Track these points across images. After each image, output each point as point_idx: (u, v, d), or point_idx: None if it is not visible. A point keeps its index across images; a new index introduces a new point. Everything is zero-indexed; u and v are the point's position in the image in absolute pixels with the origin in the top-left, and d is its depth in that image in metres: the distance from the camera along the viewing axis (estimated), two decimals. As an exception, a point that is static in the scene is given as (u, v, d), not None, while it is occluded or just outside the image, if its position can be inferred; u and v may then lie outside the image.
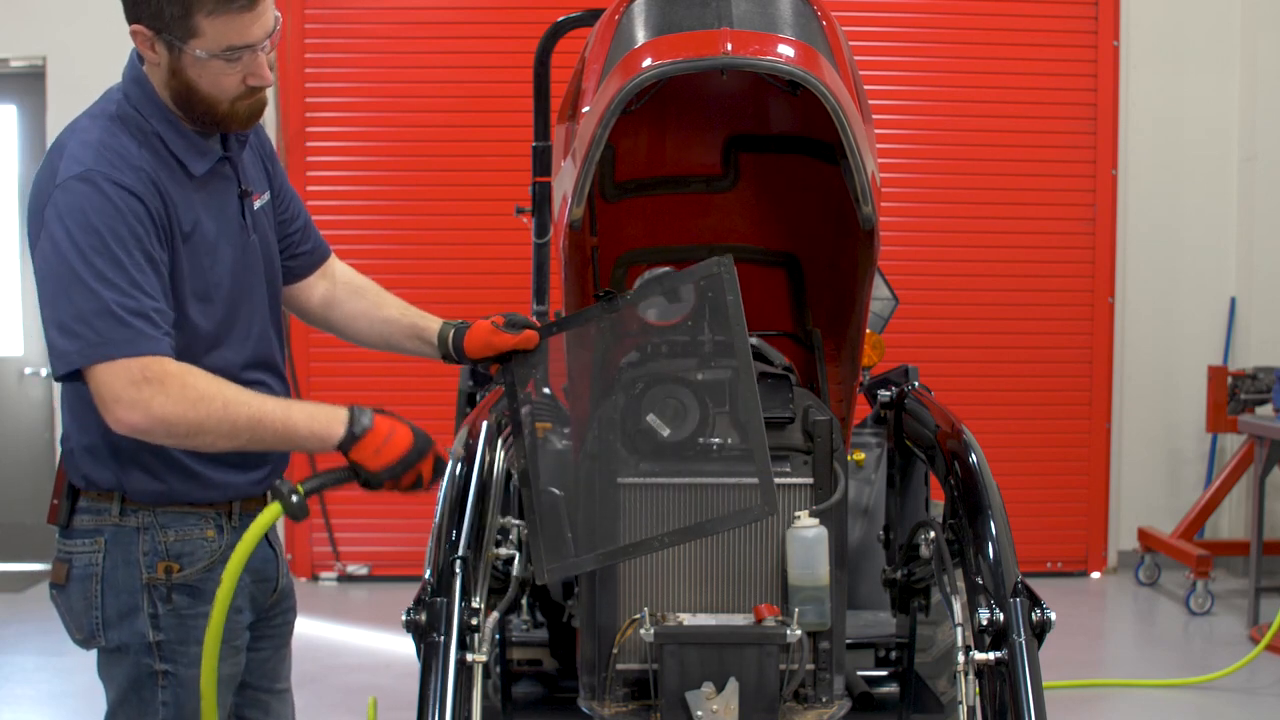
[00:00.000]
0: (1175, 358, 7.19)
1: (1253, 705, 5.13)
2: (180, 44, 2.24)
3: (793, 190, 3.24)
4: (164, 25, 2.23)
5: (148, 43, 2.27)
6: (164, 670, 2.34)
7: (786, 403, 2.78)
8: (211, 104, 2.32)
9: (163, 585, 2.33)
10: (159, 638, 2.33)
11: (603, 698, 2.74)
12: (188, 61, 2.26)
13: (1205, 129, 7.17)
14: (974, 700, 2.49)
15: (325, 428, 2.28)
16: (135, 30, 2.27)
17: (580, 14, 4.09)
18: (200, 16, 2.21)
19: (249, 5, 2.24)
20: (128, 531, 2.33)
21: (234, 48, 2.25)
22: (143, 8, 2.24)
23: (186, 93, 2.30)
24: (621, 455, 2.73)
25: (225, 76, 2.29)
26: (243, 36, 2.25)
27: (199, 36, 2.23)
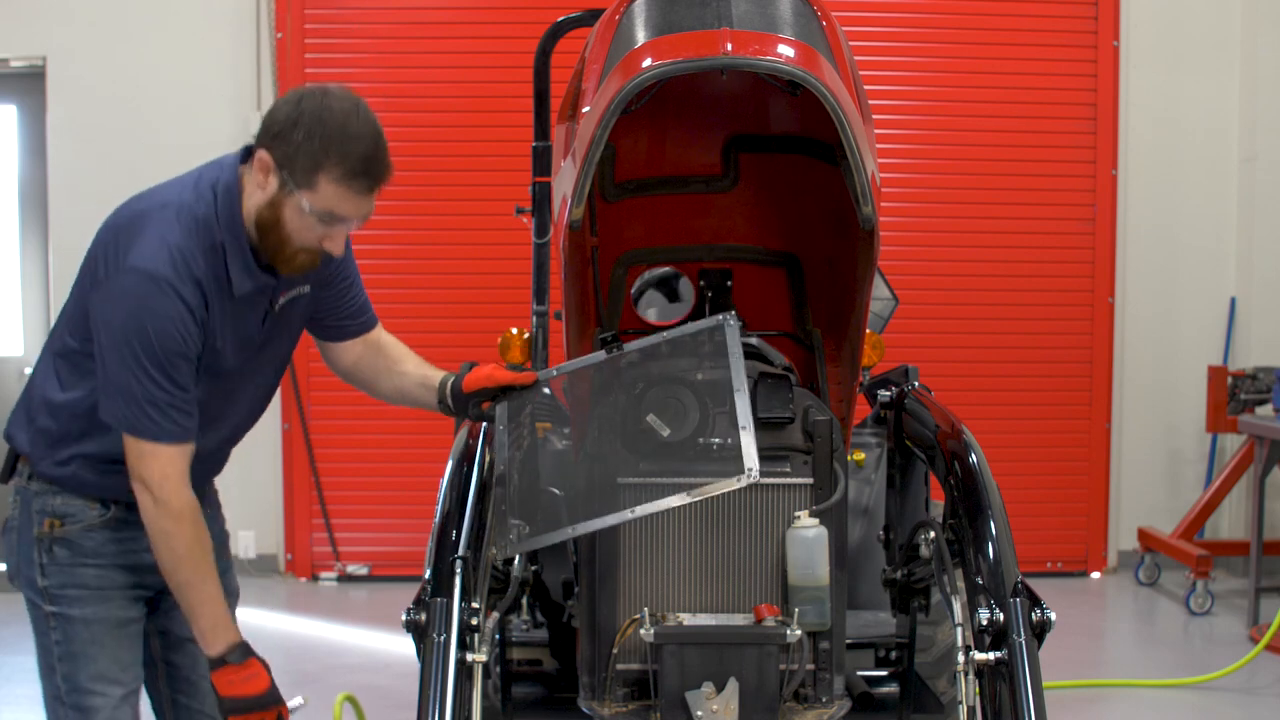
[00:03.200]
0: (1175, 358, 7.19)
1: (1253, 705, 5.13)
2: (293, 188, 2.45)
3: (793, 190, 3.24)
4: (289, 165, 2.44)
5: (265, 169, 2.47)
6: (52, 612, 2.63)
7: (786, 403, 2.78)
8: (283, 243, 2.52)
9: (47, 539, 2.62)
10: (45, 583, 2.63)
11: (603, 698, 2.74)
12: (289, 203, 2.47)
13: (1205, 129, 7.18)
14: (974, 700, 2.49)
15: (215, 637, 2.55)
16: (261, 154, 2.47)
17: (580, 14, 4.09)
18: (324, 178, 2.44)
19: (367, 189, 2.49)
20: (29, 493, 2.65)
21: (333, 215, 2.48)
22: (279, 142, 2.44)
23: (270, 224, 2.51)
24: (621, 455, 2.73)
25: (310, 231, 2.51)
26: (345, 210, 2.49)
27: (313, 192, 2.45)
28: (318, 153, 2.43)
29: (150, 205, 2.52)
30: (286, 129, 2.43)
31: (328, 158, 2.43)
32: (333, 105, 2.46)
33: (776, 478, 2.73)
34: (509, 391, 2.80)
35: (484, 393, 2.81)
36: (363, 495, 7.00)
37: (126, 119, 6.88)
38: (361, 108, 2.50)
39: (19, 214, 7.13)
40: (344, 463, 6.95)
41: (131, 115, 6.88)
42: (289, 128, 2.43)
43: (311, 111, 2.44)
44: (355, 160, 2.45)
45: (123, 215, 2.55)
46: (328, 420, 6.80)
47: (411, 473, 6.76)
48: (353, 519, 7.00)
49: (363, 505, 6.99)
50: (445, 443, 3.01)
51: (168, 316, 2.41)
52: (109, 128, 6.89)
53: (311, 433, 6.85)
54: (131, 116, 6.88)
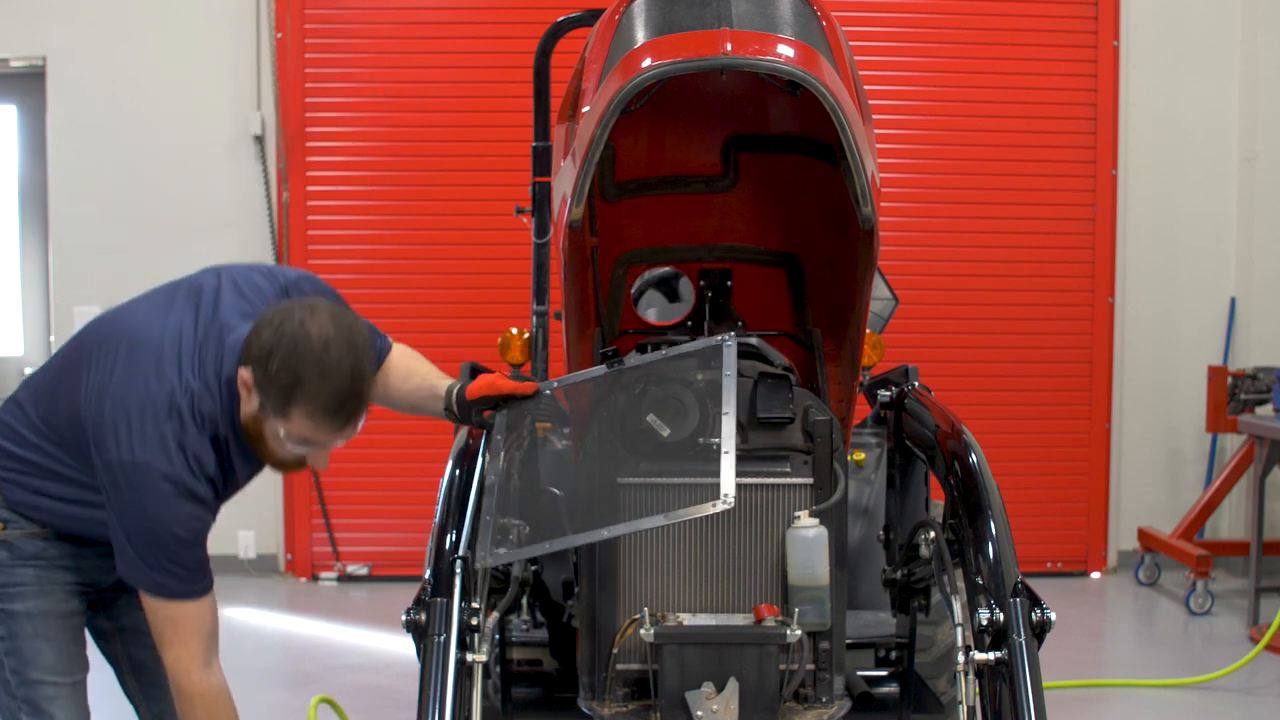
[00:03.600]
0: (1175, 358, 7.19)
1: (1253, 705, 5.13)
2: (269, 413, 2.47)
3: (793, 190, 3.24)
4: (265, 391, 2.44)
5: (246, 386, 2.48)
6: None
7: (786, 403, 2.78)
8: (267, 454, 2.58)
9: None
10: None
11: (603, 698, 2.74)
12: (268, 427, 2.50)
13: (1205, 129, 7.17)
14: (974, 700, 2.49)
15: None
16: (242, 374, 2.47)
17: (580, 14, 4.09)
18: (296, 411, 2.44)
19: (338, 427, 2.47)
20: None
21: (309, 442, 2.50)
22: (257, 367, 2.44)
23: (255, 434, 2.55)
24: (621, 455, 2.73)
25: (289, 452, 2.54)
26: (321, 439, 2.50)
27: (287, 420, 2.45)
28: (291, 386, 2.41)
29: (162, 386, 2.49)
30: (263, 356, 2.42)
31: (300, 393, 2.41)
32: (311, 334, 2.41)
33: (776, 478, 2.73)
34: (510, 400, 2.82)
35: (485, 401, 2.82)
36: (363, 495, 7.00)
37: (126, 119, 6.89)
38: (340, 338, 2.44)
39: (19, 214, 7.13)
40: (344, 463, 6.94)
41: (131, 115, 6.88)
42: (265, 356, 2.42)
43: (288, 340, 2.41)
44: (327, 398, 2.42)
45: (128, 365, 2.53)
46: (328, 420, 6.78)
47: (411, 473, 6.76)
48: (353, 519, 7.00)
49: (363, 505, 6.99)
50: (445, 443, 3.01)
51: (190, 517, 2.48)
52: (109, 128, 6.89)
53: (311, 433, 6.84)
54: (131, 116, 6.88)
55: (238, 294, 2.62)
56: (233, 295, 2.62)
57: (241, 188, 6.90)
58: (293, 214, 6.86)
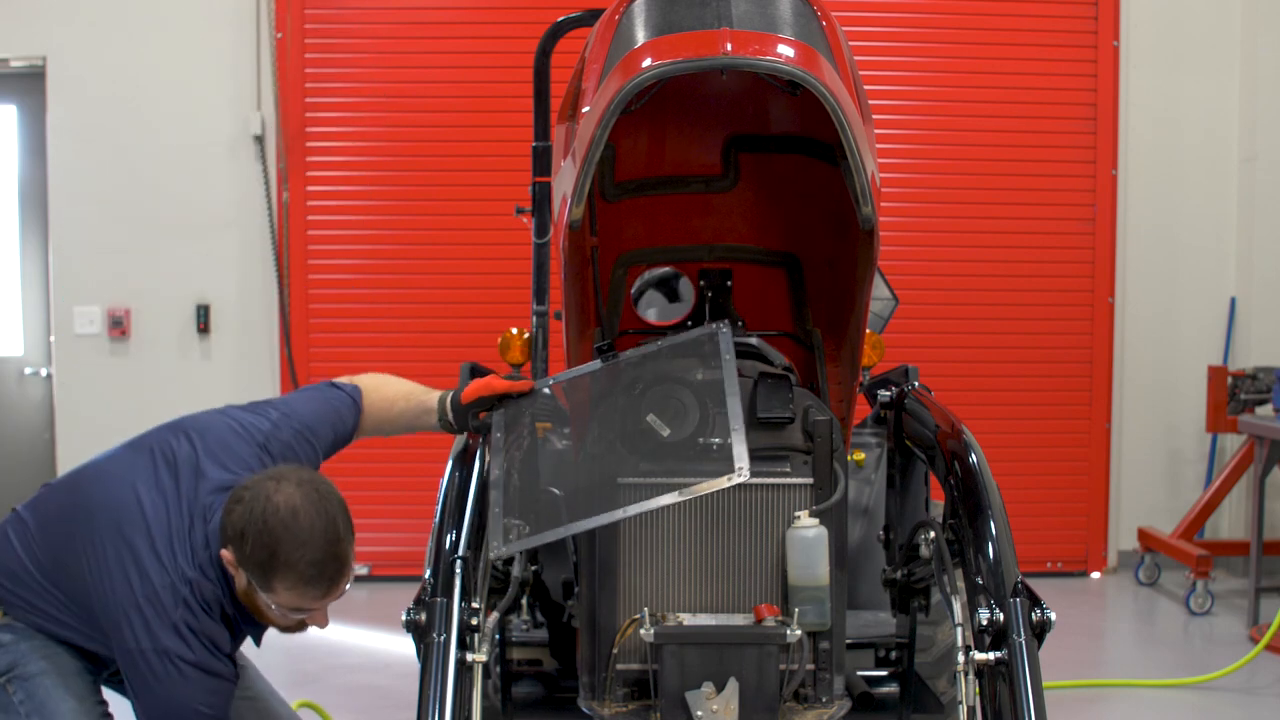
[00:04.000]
0: (1175, 358, 7.19)
1: (1253, 705, 5.13)
2: (256, 588, 2.52)
3: (793, 190, 3.24)
4: (247, 568, 2.49)
5: (233, 565, 2.52)
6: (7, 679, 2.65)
7: (786, 403, 2.78)
8: (268, 624, 2.65)
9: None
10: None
11: (603, 698, 2.74)
12: (259, 600, 2.54)
13: (1205, 129, 7.17)
14: (974, 700, 2.49)
15: None
16: (225, 551, 2.52)
17: (580, 14, 4.09)
18: (279, 586, 2.50)
19: (322, 593, 2.53)
20: None
21: (300, 610, 2.56)
22: (237, 543, 2.49)
23: (253, 609, 2.59)
24: (621, 455, 2.73)
25: (287, 620, 2.60)
26: (307, 605, 2.55)
27: (273, 594, 2.51)
28: (268, 563, 2.47)
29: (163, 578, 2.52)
30: (237, 536, 2.48)
31: (278, 567, 2.48)
32: (279, 505, 2.48)
33: (776, 478, 2.73)
34: (506, 400, 2.84)
35: (481, 402, 2.85)
36: (363, 495, 6.97)
37: (126, 119, 6.88)
38: (308, 505, 2.50)
39: (19, 214, 7.13)
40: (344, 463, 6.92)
41: (131, 115, 6.88)
42: (239, 536, 2.48)
43: (258, 518, 2.46)
44: (305, 567, 2.48)
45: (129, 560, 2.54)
46: (328, 420, 6.78)
47: (411, 473, 6.76)
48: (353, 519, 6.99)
49: (363, 505, 6.93)
50: (445, 443, 3.02)
51: (213, 692, 2.53)
52: (109, 128, 6.89)
53: (311, 433, 6.84)
54: (131, 116, 6.88)
55: (218, 465, 2.64)
56: (213, 467, 2.63)
57: (241, 188, 6.90)
58: (293, 214, 6.85)
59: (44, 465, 7.10)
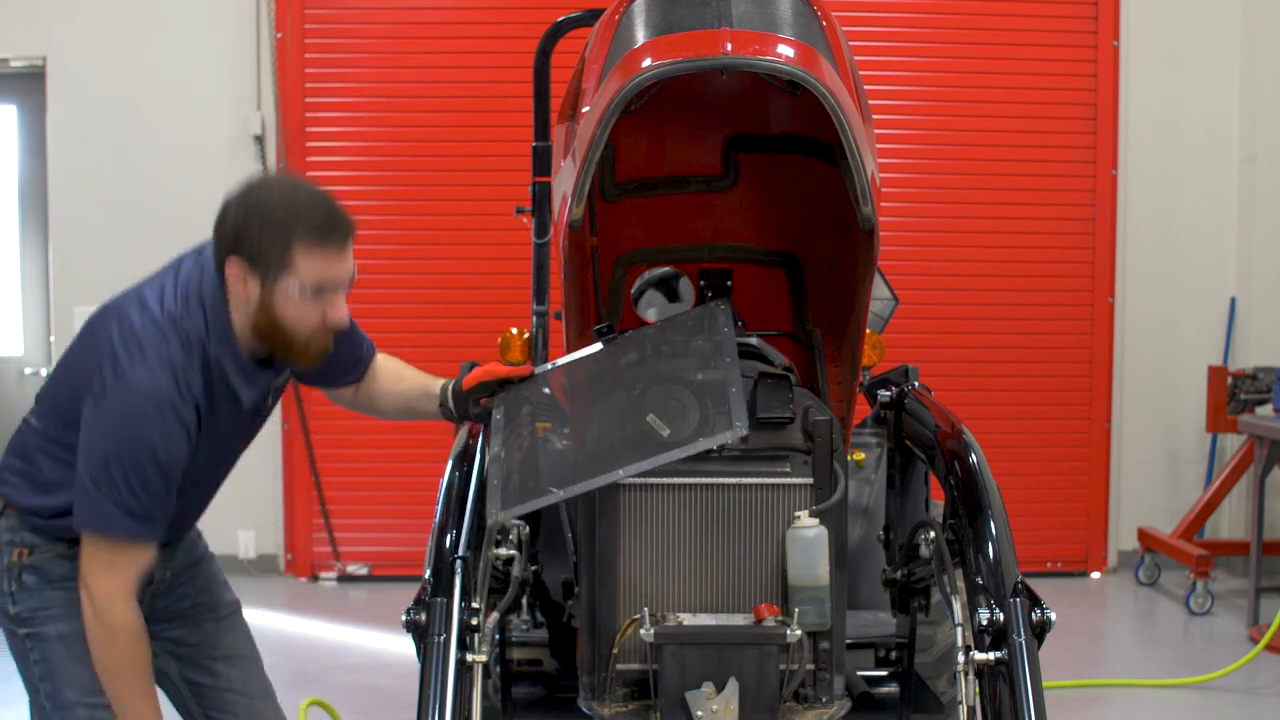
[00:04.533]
0: (1175, 358, 7.19)
1: (1253, 705, 5.13)
2: (274, 279, 2.47)
3: (793, 190, 3.24)
4: (260, 260, 2.47)
5: (241, 278, 2.50)
6: (27, 634, 2.66)
7: (786, 403, 2.78)
8: (290, 337, 2.55)
9: (16, 567, 2.66)
10: (17, 610, 2.66)
11: (603, 698, 2.74)
12: (279, 296, 2.49)
13: (1205, 129, 7.18)
14: (974, 700, 2.49)
15: None
16: (231, 265, 2.50)
17: (580, 14, 4.09)
18: (298, 253, 2.46)
19: (340, 246, 2.51)
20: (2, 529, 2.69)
21: (322, 285, 2.50)
22: (241, 244, 2.48)
23: (269, 326, 2.53)
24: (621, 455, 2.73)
25: (308, 315, 2.53)
26: (330, 274, 2.51)
27: (294, 272, 2.47)
28: (281, 233, 2.46)
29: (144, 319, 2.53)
30: (241, 230, 2.48)
31: (292, 232, 2.46)
32: (272, 189, 2.52)
33: (776, 478, 2.73)
34: (506, 385, 2.86)
35: (482, 389, 2.86)
36: (363, 495, 7.00)
37: (126, 119, 6.89)
38: (300, 181, 2.58)
39: (19, 214, 7.14)
40: (344, 463, 6.95)
41: (131, 115, 6.88)
42: (243, 228, 2.48)
43: (255, 204, 2.49)
44: (318, 222, 2.49)
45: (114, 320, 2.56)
46: (328, 420, 6.79)
47: (411, 473, 6.76)
48: (353, 519, 7.00)
49: (363, 505, 6.99)
50: (445, 443, 3.02)
51: (168, 438, 2.47)
52: (109, 128, 6.89)
53: (311, 433, 6.85)
54: (131, 116, 6.88)
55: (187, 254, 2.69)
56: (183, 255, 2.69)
57: (241, 188, 6.89)
58: (293, 214, 6.85)
59: (44, 465, 7.10)
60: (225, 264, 2.51)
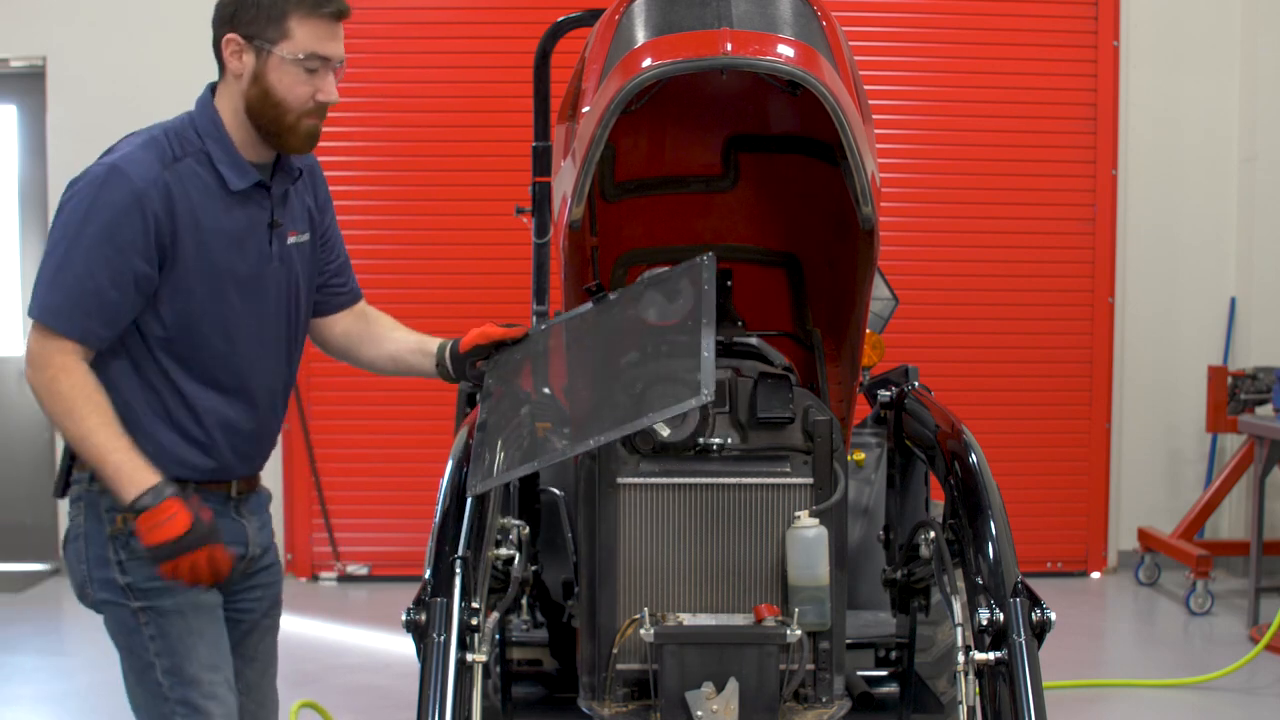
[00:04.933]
0: (1175, 358, 7.19)
1: (1253, 705, 5.13)
2: (270, 47, 2.53)
3: (793, 190, 3.24)
4: (258, 29, 2.52)
5: (237, 52, 2.55)
6: (141, 607, 2.58)
7: (786, 403, 2.78)
8: (281, 112, 2.57)
9: (122, 534, 2.56)
10: (127, 580, 2.57)
11: (603, 698, 2.74)
12: (272, 65, 2.54)
13: (1205, 129, 7.18)
14: (974, 700, 2.49)
15: (123, 483, 2.49)
16: (228, 40, 2.55)
17: (580, 14, 4.09)
18: (294, 21, 2.52)
19: (335, 16, 2.58)
20: (94, 494, 2.59)
21: (315, 56, 2.55)
22: (240, 15, 2.53)
23: (260, 100, 2.56)
24: (621, 455, 2.73)
25: (300, 85, 2.56)
26: (324, 46, 2.57)
27: (289, 39, 2.53)
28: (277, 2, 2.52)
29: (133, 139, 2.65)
30: (233, 10, 2.54)
31: (289, 3, 2.53)
32: None
33: (776, 478, 2.73)
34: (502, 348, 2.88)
35: (478, 351, 2.89)
36: (363, 495, 7.00)
37: (126, 119, 6.77)
38: None
39: (19, 214, 7.14)
40: (344, 463, 6.95)
41: (131, 115, 6.78)
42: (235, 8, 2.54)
43: None
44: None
45: None
46: (328, 420, 6.79)
47: (411, 473, 6.76)
48: (353, 519, 7.00)
49: (363, 505, 6.99)
50: (445, 443, 3.01)
51: (122, 206, 2.47)
52: (109, 128, 6.76)
53: (311, 433, 6.84)
54: (131, 116, 6.78)
55: None
56: None
57: (241, 188, 6.89)
58: (293, 214, 6.85)
59: (44, 465, 7.10)
60: (223, 44, 2.56)
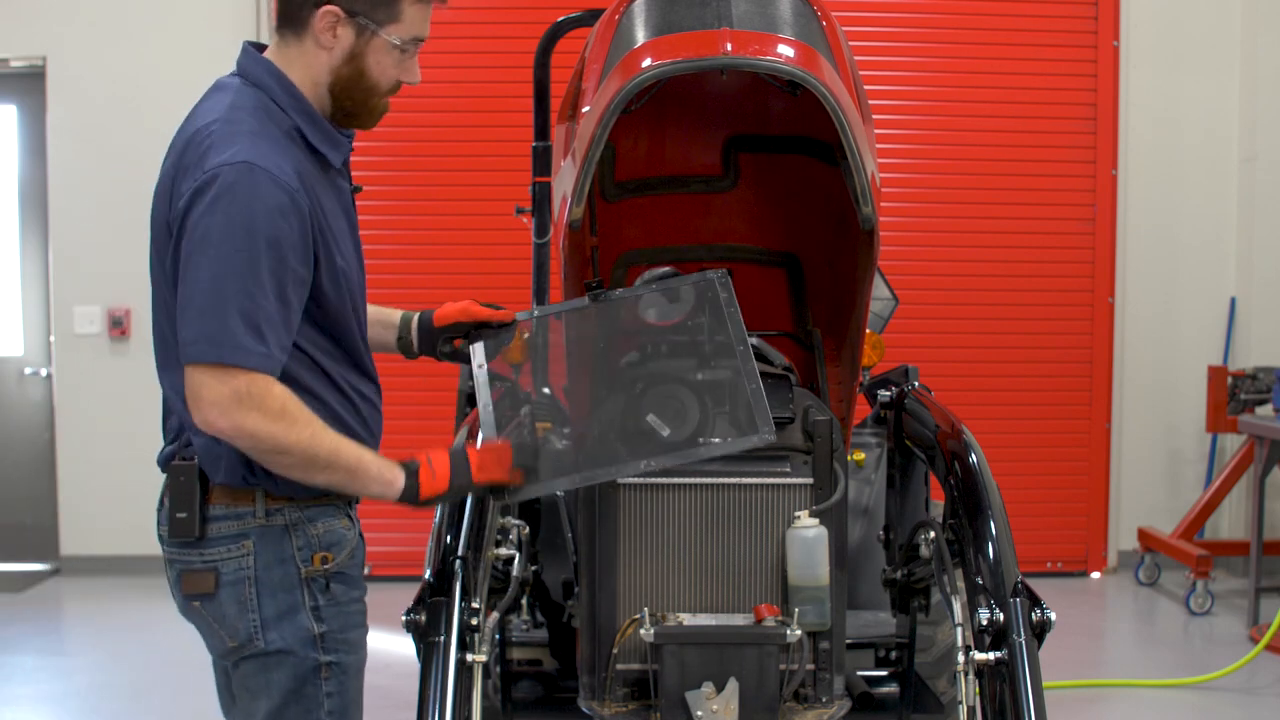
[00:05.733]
0: (1175, 358, 7.19)
1: (1253, 705, 5.13)
2: (376, 27, 2.32)
3: (793, 190, 3.24)
4: (365, 6, 2.30)
5: (333, 25, 2.31)
6: (328, 661, 2.34)
7: (786, 403, 2.78)
8: (369, 93, 2.39)
9: (321, 577, 2.33)
10: (322, 629, 2.33)
11: (603, 698, 2.74)
12: (374, 46, 2.34)
13: (1205, 129, 7.18)
14: (974, 700, 2.50)
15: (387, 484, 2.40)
16: (326, 11, 2.30)
17: (580, 14, 4.09)
18: (406, 3, 2.33)
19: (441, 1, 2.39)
20: (275, 531, 2.31)
21: (416, 39, 2.38)
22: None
23: (352, 79, 2.36)
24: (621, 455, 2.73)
25: (393, 68, 2.39)
26: (424, 30, 2.39)
27: (398, 22, 2.33)
28: None
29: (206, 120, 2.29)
30: None
31: None
32: None
33: (776, 478, 2.73)
34: (484, 329, 2.71)
35: (456, 328, 2.72)
36: (363, 495, 6.99)
37: (126, 119, 6.88)
38: None
39: (19, 214, 7.14)
40: (344, 463, 6.94)
41: (131, 115, 6.88)
42: None
43: None
44: None
45: (180, 141, 2.32)
46: (328, 420, 6.78)
47: (411, 473, 6.75)
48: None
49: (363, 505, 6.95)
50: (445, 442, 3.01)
51: (275, 208, 2.16)
52: (109, 128, 6.88)
53: (311, 433, 6.83)
54: (131, 116, 6.88)
55: None
56: None
57: (241, 188, 6.89)
58: (293, 214, 6.85)
59: (44, 465, 7.10)
60: (312, 16, 2.30)
